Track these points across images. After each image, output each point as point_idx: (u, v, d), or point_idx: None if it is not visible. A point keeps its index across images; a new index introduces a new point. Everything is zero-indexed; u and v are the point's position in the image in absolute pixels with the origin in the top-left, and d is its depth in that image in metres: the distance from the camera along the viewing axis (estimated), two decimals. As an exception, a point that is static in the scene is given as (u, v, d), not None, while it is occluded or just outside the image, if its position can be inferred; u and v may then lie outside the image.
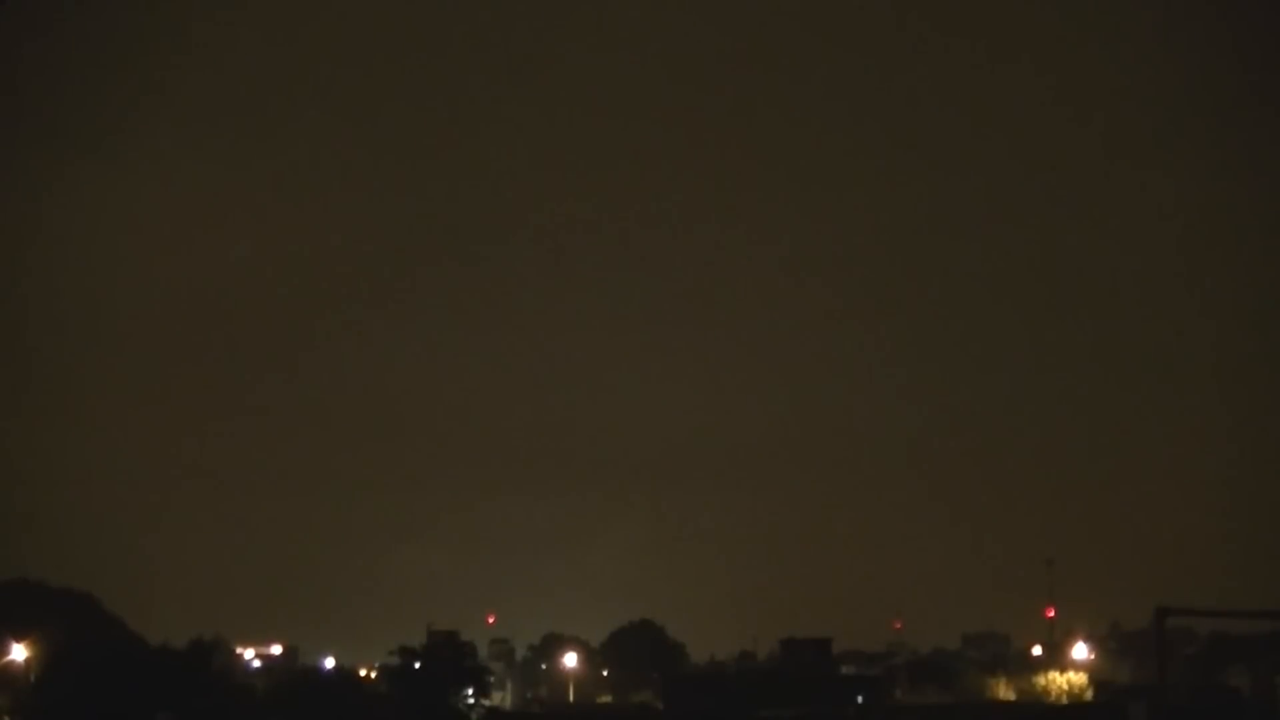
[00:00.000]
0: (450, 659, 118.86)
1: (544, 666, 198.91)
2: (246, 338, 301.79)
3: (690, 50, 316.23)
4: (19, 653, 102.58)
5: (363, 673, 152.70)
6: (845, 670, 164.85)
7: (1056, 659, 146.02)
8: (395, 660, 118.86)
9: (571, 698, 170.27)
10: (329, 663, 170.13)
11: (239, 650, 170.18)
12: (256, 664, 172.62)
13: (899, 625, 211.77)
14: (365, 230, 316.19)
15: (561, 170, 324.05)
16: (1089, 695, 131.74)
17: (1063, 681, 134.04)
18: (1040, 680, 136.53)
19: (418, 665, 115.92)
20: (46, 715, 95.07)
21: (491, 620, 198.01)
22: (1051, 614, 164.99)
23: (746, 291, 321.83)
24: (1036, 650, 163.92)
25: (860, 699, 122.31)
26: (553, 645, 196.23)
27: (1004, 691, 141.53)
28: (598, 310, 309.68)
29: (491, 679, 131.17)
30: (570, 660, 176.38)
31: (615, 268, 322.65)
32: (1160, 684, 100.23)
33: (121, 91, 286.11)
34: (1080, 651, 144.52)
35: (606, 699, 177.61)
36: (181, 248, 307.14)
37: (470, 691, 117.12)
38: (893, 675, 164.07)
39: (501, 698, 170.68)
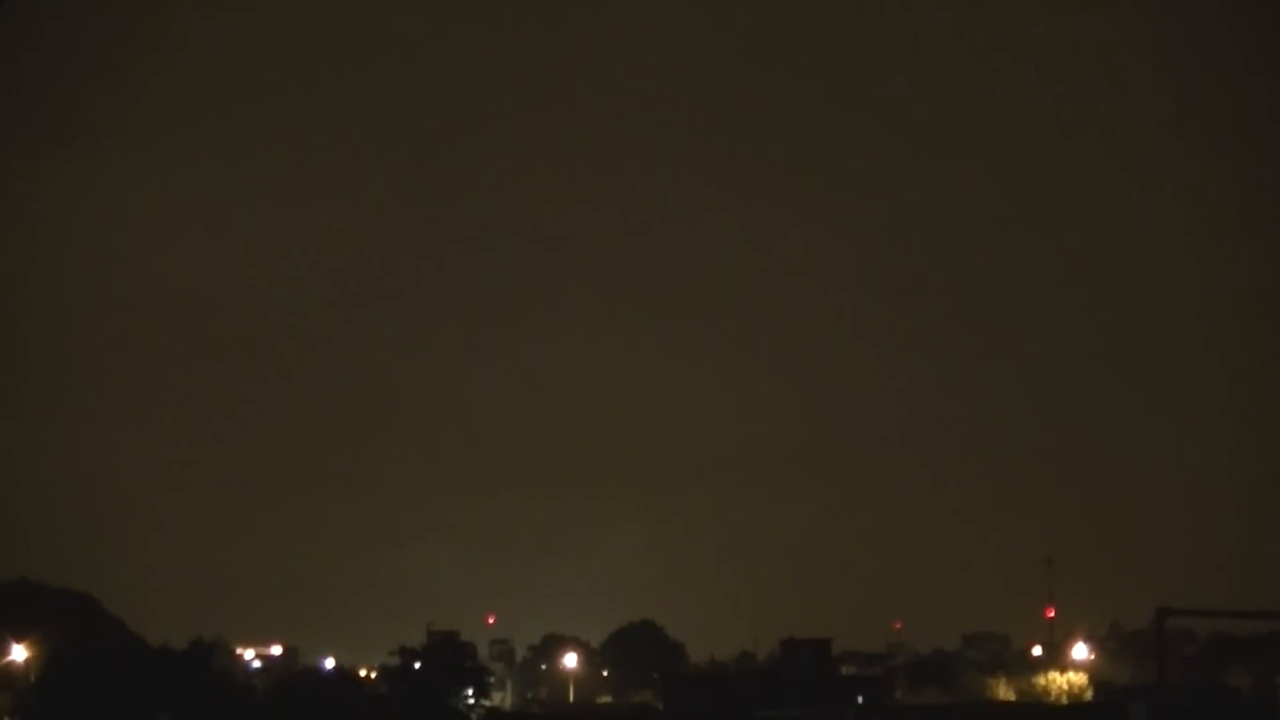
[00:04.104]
0: (450, 659, 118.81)
1: (544, 667, 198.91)
2: (247, 337, 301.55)
3: (691, 50, 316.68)
4: (19, 653, 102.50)
5: (363, 673, 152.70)
6: (845, 670, 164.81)
7: (1056, 659, 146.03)
8: (395, 661, 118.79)
9: (571, 698, 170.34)
10: (329, 663, 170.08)
11: (239, 650, 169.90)
12: (256, 664, 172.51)
13: (899, 625, 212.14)
14: (365, 230, 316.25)
15: (562, 170, 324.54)
16: (1089, 695, 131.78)
17: (1063, 682, 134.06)
18: (1040, 680, 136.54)
19: (418, 666, 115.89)
20: (47, 715, 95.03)
21: (491, 620, 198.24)
22: (1051, 614, 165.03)
23: (747, 292, 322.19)
24: (1036, 650, 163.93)
25: (860, 699, 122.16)
26: (553, 645, 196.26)
27: (1004, 692, 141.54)
28: (598, 310, 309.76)
29: (491, 679, 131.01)
30: (570, 660, 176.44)
31: (616, 268, 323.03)
32: (1160, 684, 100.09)
33: (122, 91, 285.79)
34: (1080, 651, 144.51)
35: (606, 699, 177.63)
36: (181, 247, 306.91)
37: (470, 692, 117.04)
38: (893, 675, 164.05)
39: (501, 698, 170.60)
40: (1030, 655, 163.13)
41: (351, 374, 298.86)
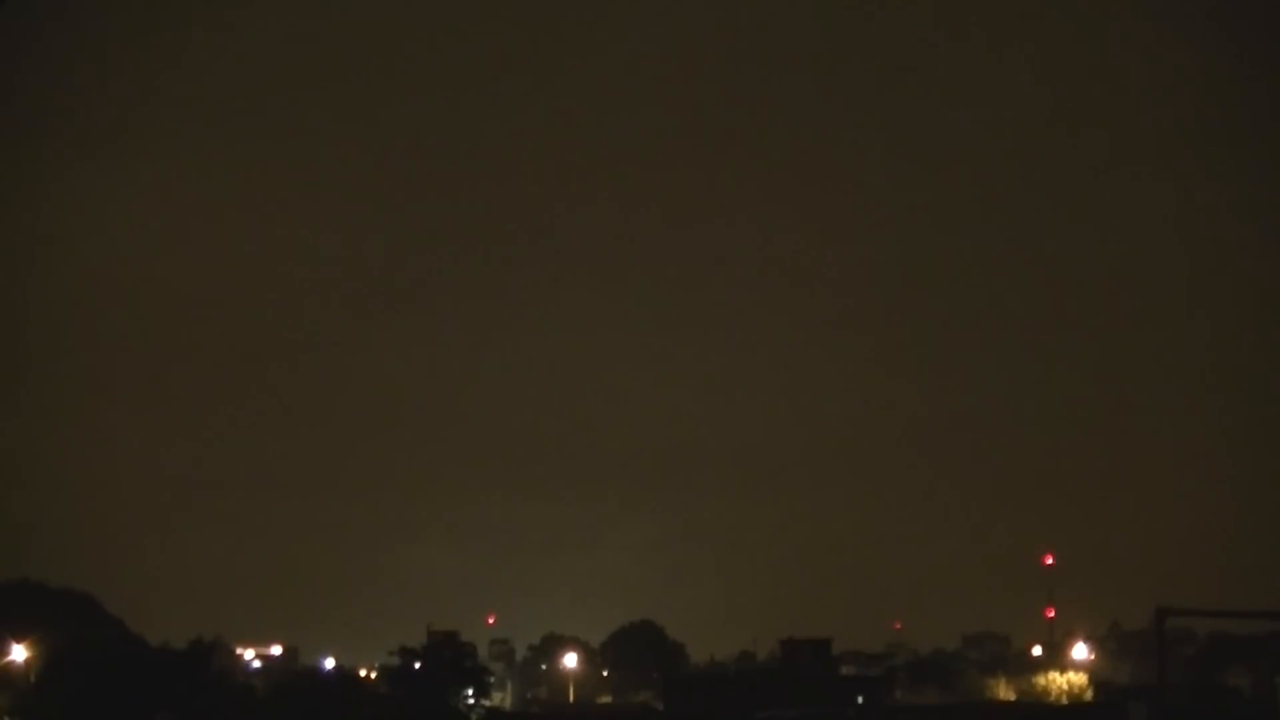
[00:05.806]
0: (450, 659, 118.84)
1: (544, 667, 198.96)
2: (247, 338, 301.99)
3: (692, 52, 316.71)
4: (19, 653, 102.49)
5: (363, 673, 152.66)
6: (845, 670, 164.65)
7: (1056, 659, 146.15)
8: (395, 660, 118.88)
9: (571, 698, 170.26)
10: (329, 663, 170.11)
11: (239, 650, 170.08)
12: (256, 664, 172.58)
13: (899, 625, 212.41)
14: (366, 230, 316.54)
15: (564, 171, 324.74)
16: (1089, 695, 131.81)
17: (1063, 682, 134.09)
18: (1040, 680, 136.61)
19: (418, 665, 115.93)
20: (47, 715, 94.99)
21: (491, 620, 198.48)
22: (1051, 614, 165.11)
23: (747, 293, 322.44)
24: (1036, 650, 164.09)
25: (860, 699, 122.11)
26: (553, 645, 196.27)
27: (1004, 692, 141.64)
28: (598, 311, 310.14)
29: (491, 679, 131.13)
30: (570, 660, 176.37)
31: (616, 268, 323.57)
32: (1160, 684, 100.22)
33: (122, 92, 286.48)
34: (1080, 652, 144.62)
35: (606, 699, 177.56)
36: (182, 248, 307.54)
37: (470, 692, 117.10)
38: (893, 675, 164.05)
39: (501, 698, 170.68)
40: (1030, 655, 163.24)
41: (352, 374, 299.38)
